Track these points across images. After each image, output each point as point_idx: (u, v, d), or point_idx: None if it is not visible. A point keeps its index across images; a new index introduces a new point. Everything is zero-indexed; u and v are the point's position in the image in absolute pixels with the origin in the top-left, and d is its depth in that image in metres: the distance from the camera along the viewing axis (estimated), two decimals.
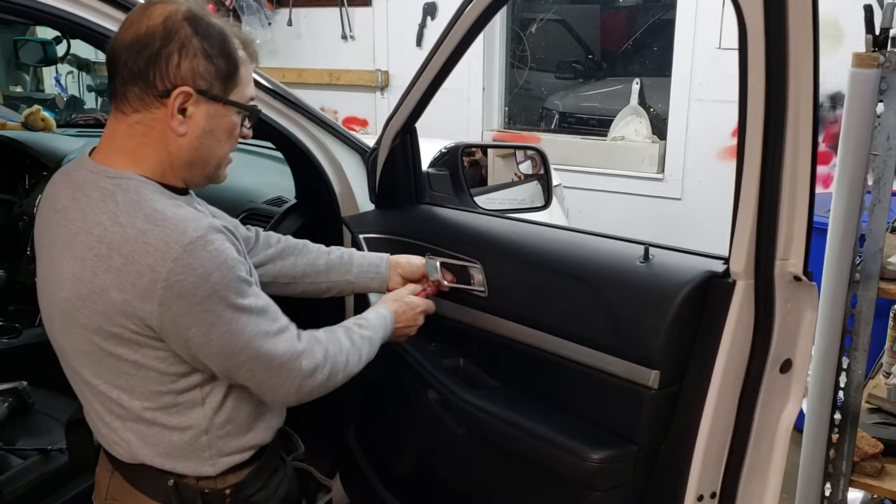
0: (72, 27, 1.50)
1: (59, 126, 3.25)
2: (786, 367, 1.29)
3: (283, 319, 1.27)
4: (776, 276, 1.22)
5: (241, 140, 1.31)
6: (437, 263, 1.67)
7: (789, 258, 1.21)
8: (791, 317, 1.26)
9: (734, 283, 1.24)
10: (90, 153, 1.23)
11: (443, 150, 2.13)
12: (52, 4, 1.44)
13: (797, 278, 1.22)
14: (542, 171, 2.22)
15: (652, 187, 4.09)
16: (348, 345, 1.37)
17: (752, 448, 1.32)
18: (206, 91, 1.17)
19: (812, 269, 1.26)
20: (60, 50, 3.71)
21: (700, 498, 1.33)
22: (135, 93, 1.16)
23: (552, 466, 1.42)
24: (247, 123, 1.26)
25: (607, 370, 1.39)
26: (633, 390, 1.35)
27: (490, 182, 2.40)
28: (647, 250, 1.39)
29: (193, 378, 1.23)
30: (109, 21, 1.48)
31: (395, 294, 1.60)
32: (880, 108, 1.57)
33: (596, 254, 1.51)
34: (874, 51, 1.54)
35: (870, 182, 1.62)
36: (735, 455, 1.32)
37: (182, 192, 1.25)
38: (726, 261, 1.28)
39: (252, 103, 1.27)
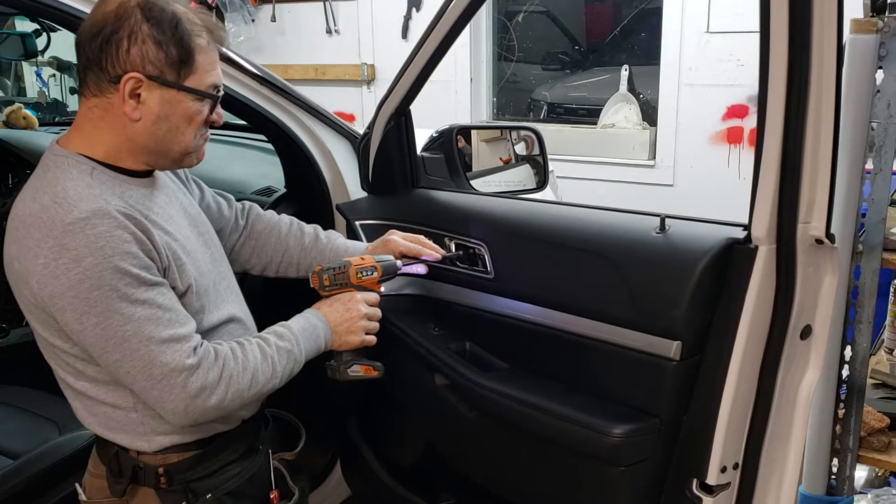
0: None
1: (41, 125, 3.18)
2: (806, 333, 1.27)
3: (182, 329, 1.20)
4: (798, 240, 1.19)
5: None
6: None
7: (812, 221, 1.18)
8: (811, 281, 1.23)
9: (756, 248, 1.21)
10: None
11: (434, 135, 2.09)
12: None
13: (819, 241, 1.19)
14: (537, 152, 2.18)
15: (643, 174, 4.06)
16: (258, 360, 1.27)
17: (773, 417, 1.29)
18: (157, 77, 1.18)
19: None
20: (40, 44, 3.64)
21: (723, 469, 1.30)
22: (91, 78, 1.18)
23: (572, 444, 1.39)
24: (217, 109, 1.26)
25: (626, 345, 1.36)
26: (654, 363, 1.32)
27: (475, 168, 2.34)
28: (662, 221, 1.36)
29: None
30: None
31: (335, 297, 1.45)
32: (880, 75, 1.55)
33: (609, 227, 1.47)
34: (872, 16, 1.52)
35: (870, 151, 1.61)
36: (757, 424, 1.30)
37: (142, 174, 1.27)
38: (746, 227, 1.25)
39: (216, 90, 1.26)
